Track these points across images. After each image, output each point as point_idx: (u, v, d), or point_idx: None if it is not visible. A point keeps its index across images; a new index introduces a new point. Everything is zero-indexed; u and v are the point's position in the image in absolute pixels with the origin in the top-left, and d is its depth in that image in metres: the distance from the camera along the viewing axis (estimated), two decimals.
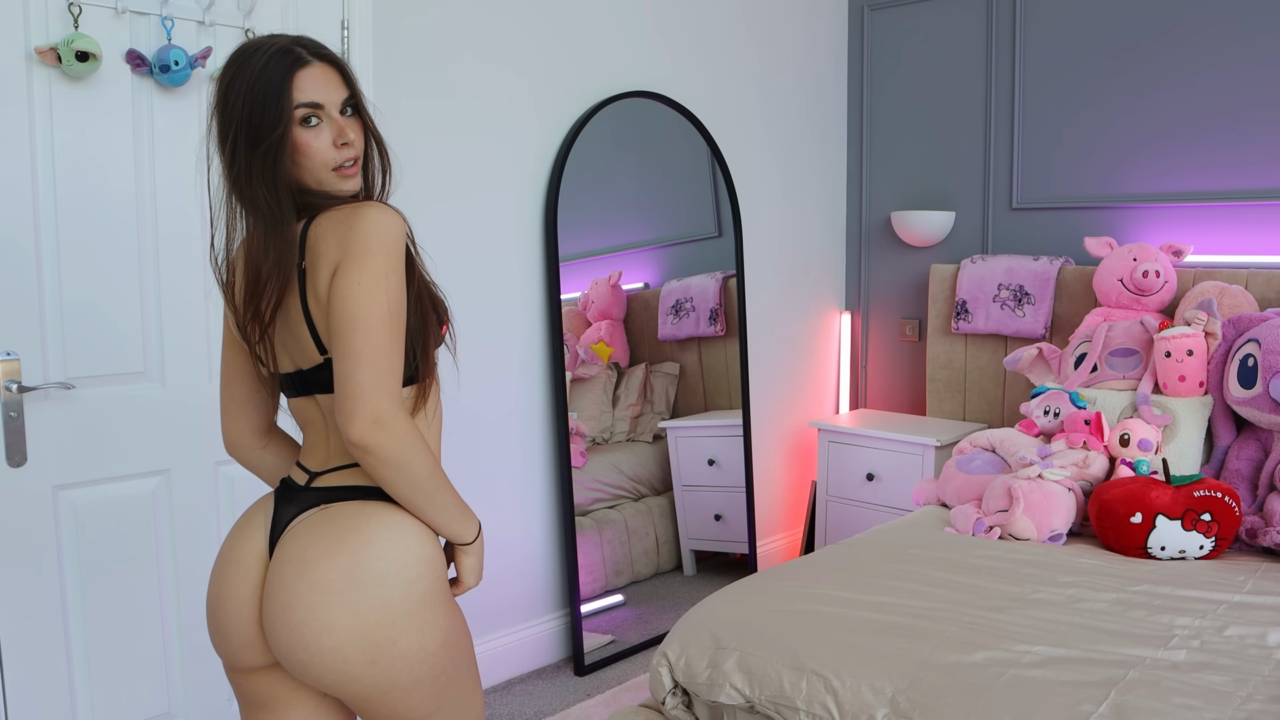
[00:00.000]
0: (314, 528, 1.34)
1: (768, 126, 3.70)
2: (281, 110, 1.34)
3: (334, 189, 1.40)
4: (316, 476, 1.41)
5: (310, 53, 1.38)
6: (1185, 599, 2.18)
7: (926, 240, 3.77)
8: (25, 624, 2.08)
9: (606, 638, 3.15)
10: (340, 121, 1.39)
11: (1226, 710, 1.66)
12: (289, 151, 1.36)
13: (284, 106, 1.34)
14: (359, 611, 1.29)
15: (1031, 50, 3.52)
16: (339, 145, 1.38)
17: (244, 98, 1.34)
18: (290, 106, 1.34)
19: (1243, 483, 2.70)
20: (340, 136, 1.38)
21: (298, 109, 1.35)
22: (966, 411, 3.64)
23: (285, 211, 1.35)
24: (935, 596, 2.18)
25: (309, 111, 1.36)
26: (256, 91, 1.34)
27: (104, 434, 2.17)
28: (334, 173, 1.39)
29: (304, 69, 1.36)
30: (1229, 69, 3.12)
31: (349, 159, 1.40)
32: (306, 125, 1.37)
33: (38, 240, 2.06)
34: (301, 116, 1.36)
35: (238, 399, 1.52)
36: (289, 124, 1.34)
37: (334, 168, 1.38)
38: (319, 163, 1.37)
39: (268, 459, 1.55)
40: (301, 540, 1.34)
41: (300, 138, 1.36)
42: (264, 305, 1.36)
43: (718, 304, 3.51)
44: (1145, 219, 3.33)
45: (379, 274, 1.29)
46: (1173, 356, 2.80)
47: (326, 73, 1.38)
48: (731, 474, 3.57)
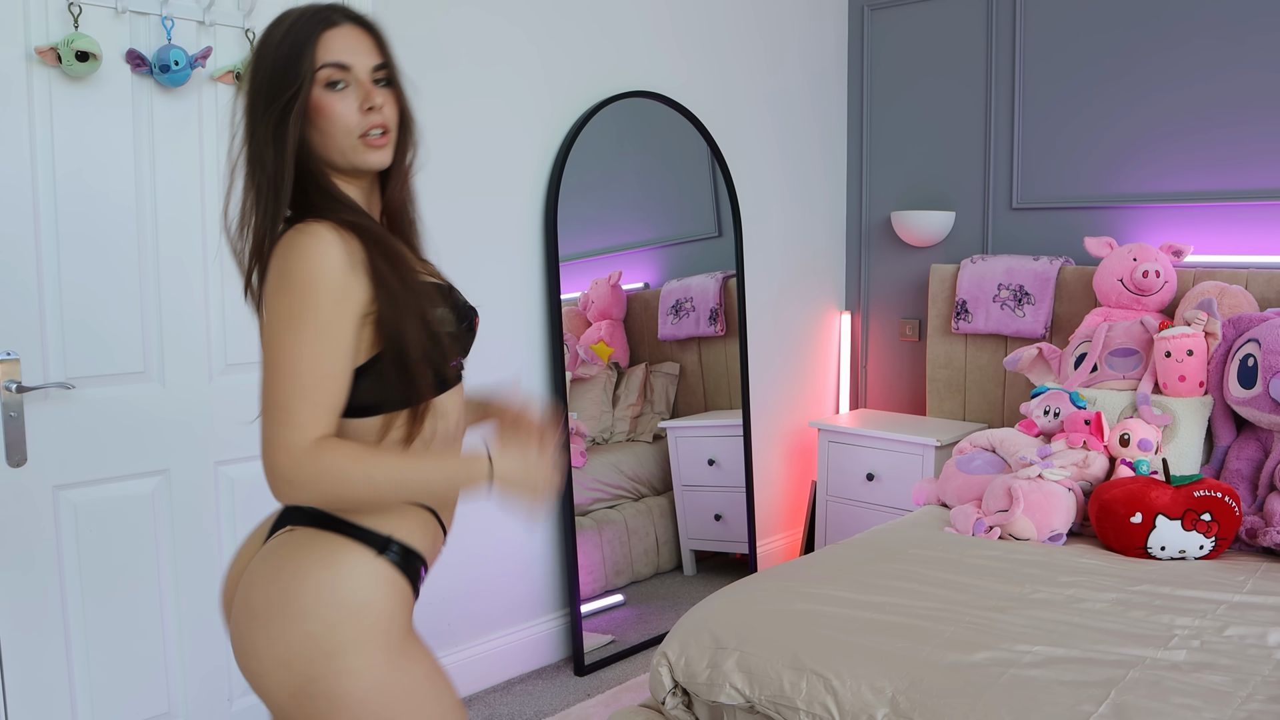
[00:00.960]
0: (270, 549, 1.31)
1: (768, 126, 3.70)
2: (301, 68, 1.26)
3: (361, 161, 1.31)
4: None
5: (342, 15, 1.31)
6: (1185, 599, 2.18)
7: (926, 240, 3.77)
8: (25, 624, 2.08)
9: (606, 638, 3.15)
10: (369, 86, 1.29)
11: (1226, 710, 1.66)
12: (311, 117, 1.27)
13: (305, 65, 1.26)
14: (279, 642, 1.23)
15: (1031, 50, 3.52)
16: (365, 110, 1.29)
17: (270, 57, 1.27)
18: (312, 65, 1.26)
19: (1243, 483, 2.70)
20: (367, 101, 1.29)
21: (322, 69, 1.27)
22: (966, 411, 3.64)
23: (285, 179, 1.26)
24: (935, 596, 2.18)
25: (334, 73, 1.27)
26: (282, 49, 1.27)
27: (104, 434, 2.17)
28: (360, 141, 1.29)
29: (332, 29, 1.29)
30: (1229, 69, 3.12)
31: (377, 126, 1.30)
32: (332, 89, 1.28)
33: (38, 240, 2.06)
34: (326, 78, 1.27)
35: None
36: (307, 83, 1.26)
37: (360, 134, 1.29)
38: (342, 128, 1.28)
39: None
40: (255, 560, 1.31)
41: (322, 100, 1.27)
42: (247, 282, 1.33)
43: (718, 304, 3.51)
44: (1145, 219, 3.33)
45: (285, 316, 1.19)
46: (1173, 356, 2.80)
47: (357, 36, 1.31)
48: (731, 474, 3.57)
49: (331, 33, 1.28)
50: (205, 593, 2.34)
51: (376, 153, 1.31)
